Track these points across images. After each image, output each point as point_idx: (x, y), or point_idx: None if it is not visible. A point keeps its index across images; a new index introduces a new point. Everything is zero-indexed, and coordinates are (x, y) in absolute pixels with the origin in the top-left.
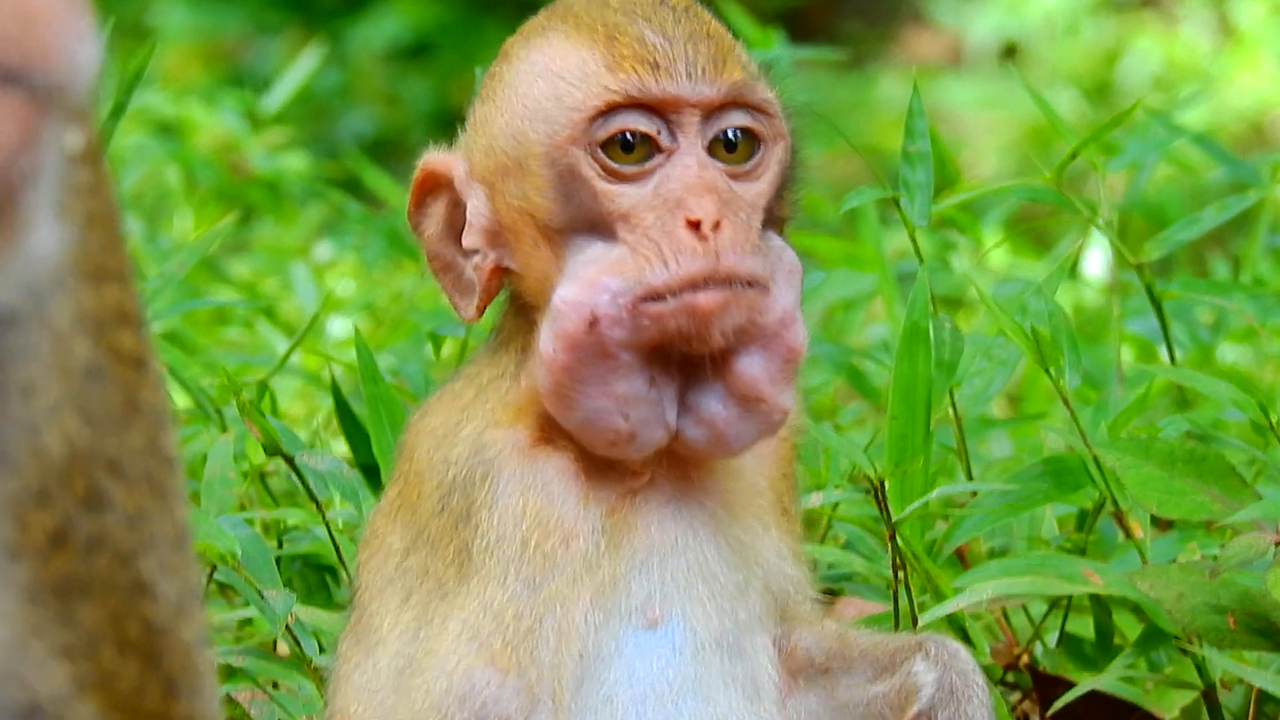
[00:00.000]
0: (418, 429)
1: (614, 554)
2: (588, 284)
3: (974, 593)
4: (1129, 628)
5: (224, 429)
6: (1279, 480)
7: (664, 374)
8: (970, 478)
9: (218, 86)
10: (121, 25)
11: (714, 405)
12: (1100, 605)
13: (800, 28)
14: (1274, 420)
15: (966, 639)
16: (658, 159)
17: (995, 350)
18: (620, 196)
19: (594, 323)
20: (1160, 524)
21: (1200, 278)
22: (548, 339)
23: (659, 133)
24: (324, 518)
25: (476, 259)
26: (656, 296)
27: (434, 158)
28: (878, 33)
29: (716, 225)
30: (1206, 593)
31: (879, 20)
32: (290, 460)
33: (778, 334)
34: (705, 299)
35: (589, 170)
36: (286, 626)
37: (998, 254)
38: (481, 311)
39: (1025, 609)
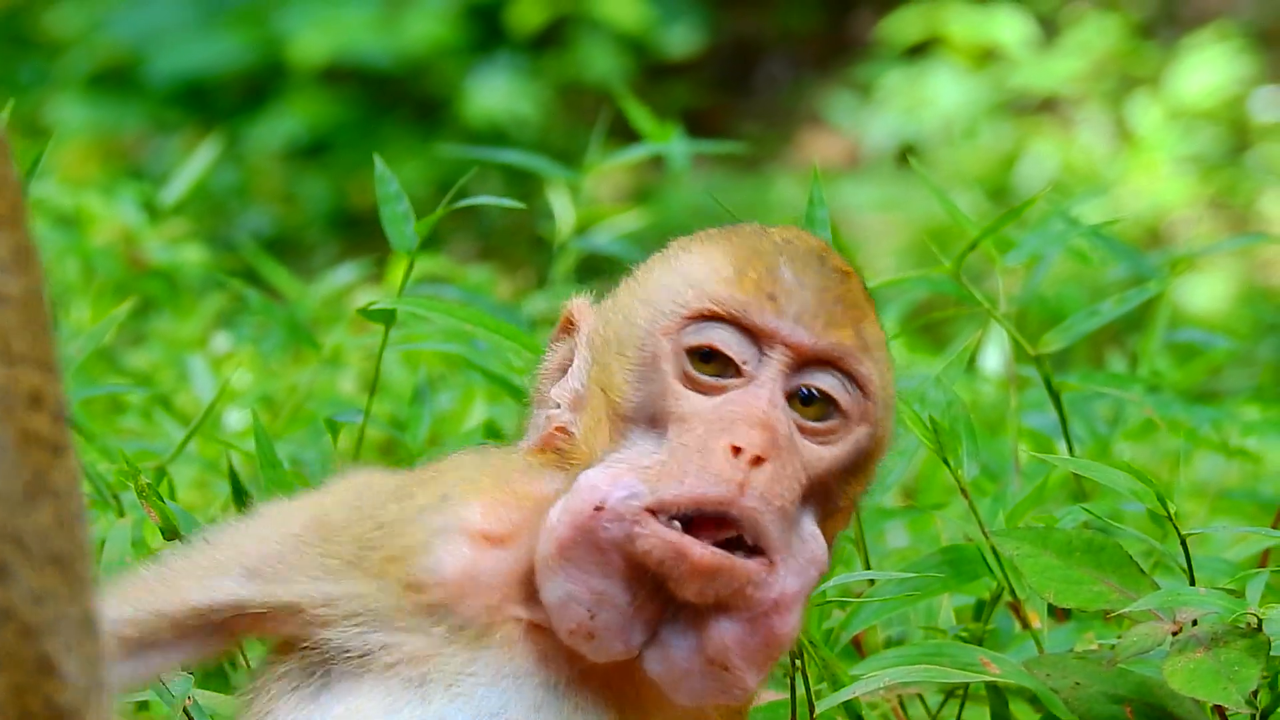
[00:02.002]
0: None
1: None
2: (611, 475)
3: (871, 681)
4: (1026, 717)
5: (121, 514)
6: (1176, 570)
7: (648, 596)
8: (868, 567)
9: (115, 181)
10: (18, 121)
11: (681, 650)
12: (997, 695)
13: (699, 128)
14: (1172, 511)
15: None
16: (734, 380)
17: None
18: (684, 400)
19: (598, 510)
20: (1057, 613)
21: (1097, 371)
22: (558, 510)
23: (745, 360)
24: None
25: (554, 410)
26: (664, 509)
27: (577, 304)
28: (775, 135)
29: (758, 461)
30: (1104, 682)
31: (777, 122)
32: None
33: (767, 615)
34: (698, 554)
35: (668, 365)
36: (184, 709)
37: (896, 348)
38: (534, 451)
39: (922, 698)
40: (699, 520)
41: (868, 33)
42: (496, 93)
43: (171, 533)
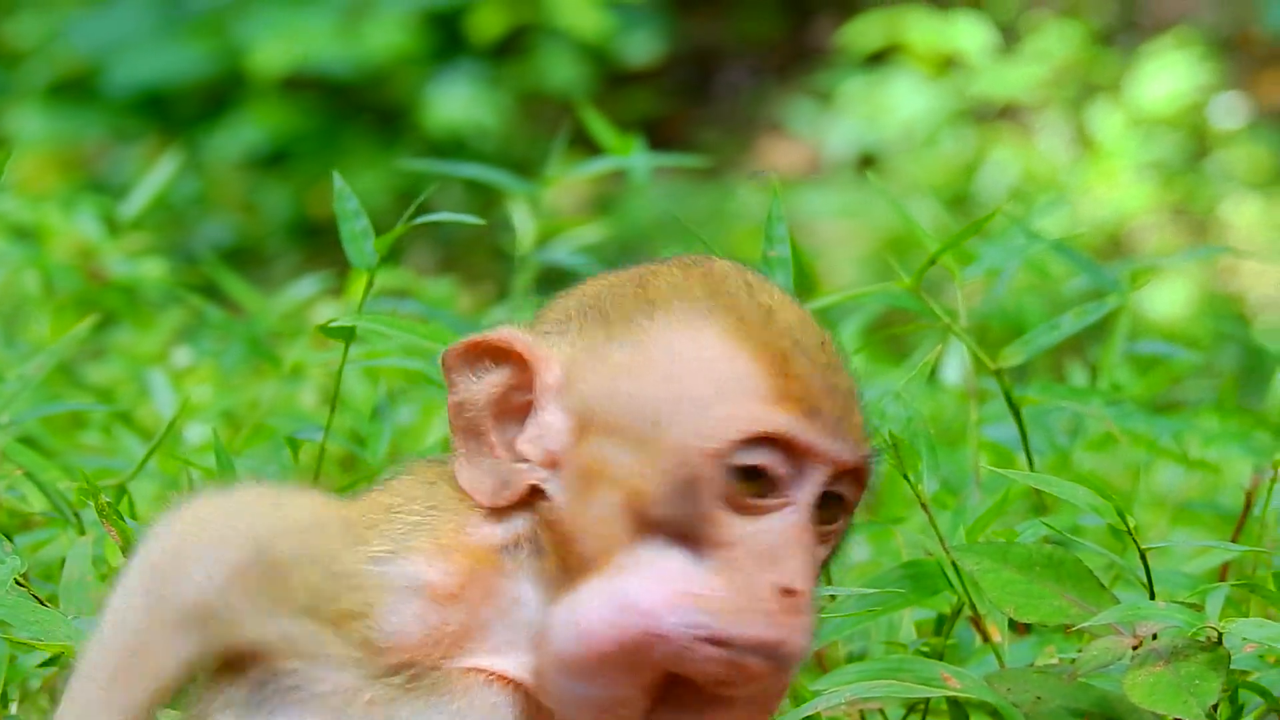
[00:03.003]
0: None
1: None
2: (670, 599)
3: (832, 696)
4: None
5: (82, 532)
6: (1136, 584)
7: (651, 691)
8: (829, 582)
9: (75, 193)
10: None
11: None
12: (958, 709)
13: (660, 136)
14: (1132, 525)
15: None
16: (775, 500)
17: None
18: (728, 527)
19: (657, 635)
20: (1018, 628)
21: (1057, 383)
22: (600, 620)
23: (789, 478)
24: None
25: (525, 468)
26: (720, 643)
27: (519, 340)
28: (736, 143)
29: (804, 601)
30: (1064, 696)
31: (737, 131)
32: None
33: (770, 701)
34: (756, 666)
35: (711, 489)
36: None
37: (855, 362)
38: (499, 505)
39: (883, 712)
40: None
41: (827, 40)
42: (457, 101)
43: (132, 551)
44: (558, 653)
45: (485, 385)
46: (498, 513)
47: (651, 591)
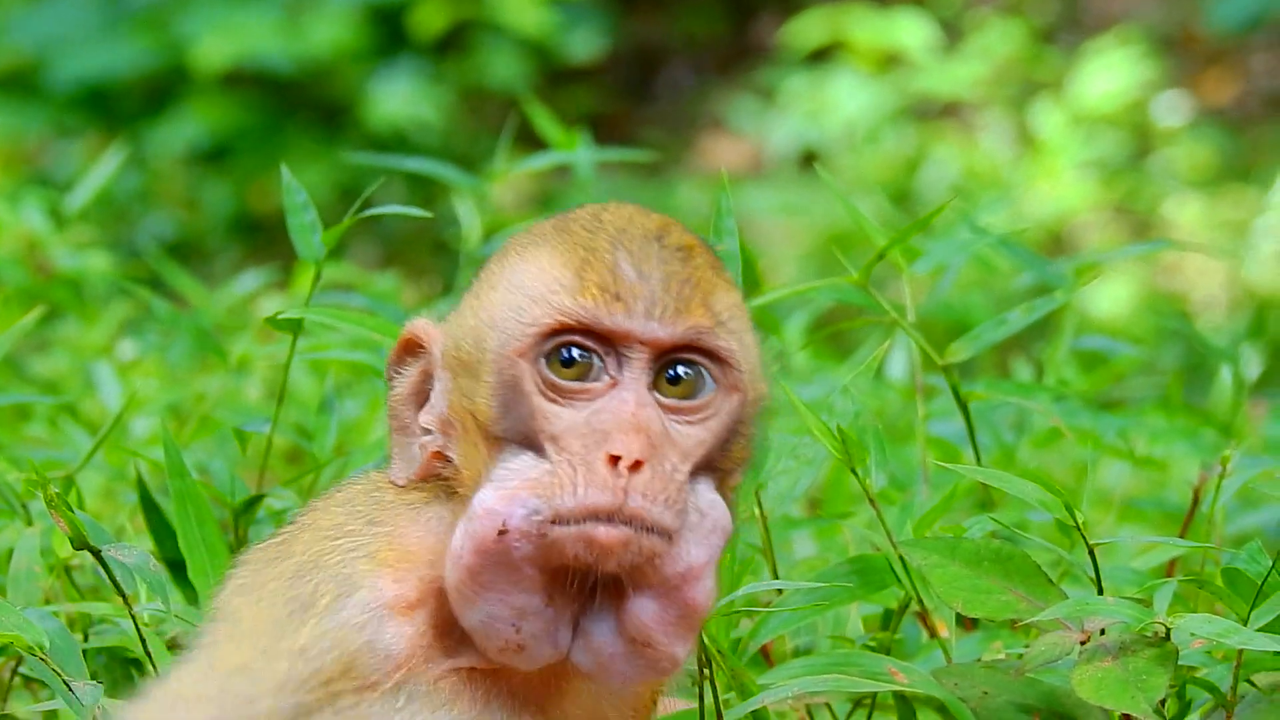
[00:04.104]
0: (312, 517)
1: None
2: (506, 495)
3: (779, 690)
4: None
5: (29, 523)
6: (1084, 580)
7: (564, 596)
8: (776, 576)
9: (20, 187)
10: None
11: (605, 637)
12: (905, 704)
13: (602, 133)
14: (1080, 521)
15: None
16: (599, 384)
17: (801, 450)
18: (555, 418)
19: (503, 533)
20: (965, 623)
21: (1004, 380)
22: (459, 538)
23: (604, 362)
24: (130, 611)
25: (426, 439)
26: (563, 521)
27: (419, 326)
28: (678, 140)
29: (636, 466)
30: (1012, 691)
31: (679, 128)
32: (97, 554)
33: (678, 587)
34: (603, 533)
35: (530, 385)
36: (94, 718)
37: (801, 357)
38: (411, 483)
39: (830, 707)
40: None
41: (770, 38)
42: (399, 97)
43: (80, 542)
44: (449, 587)
45: (406, 379)
46: (428, 503)
47: (493, 495)
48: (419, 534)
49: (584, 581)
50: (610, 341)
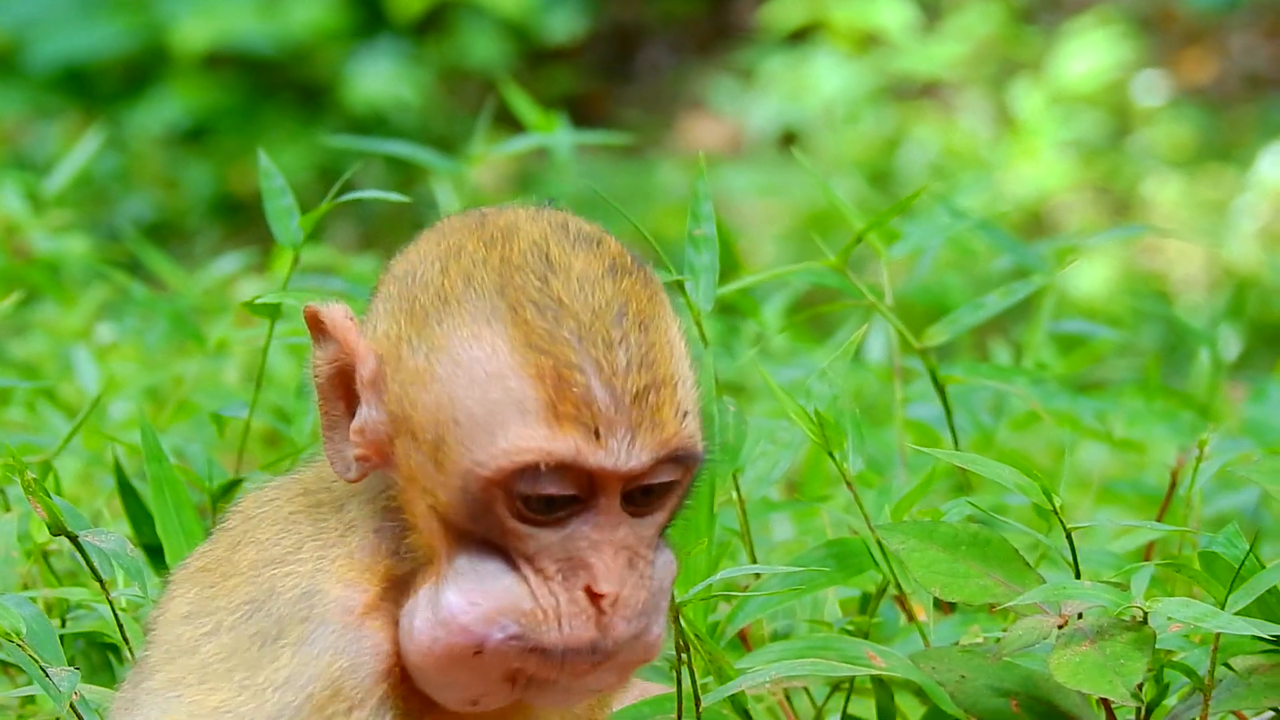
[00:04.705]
0: (247, 527)
1: None
2: (484, 616)
3: (757, 675)
4: (911, 710)
5: (7, 508)
6: (1061, 563)
7: (522, 676)
8: (754, 560)
9: None
10: None
11: (557, 695)
12: (883, 688)
13: (581, 114)
14: (1057, 505)
15: None
16: (575, 508)
17: (778, 434)
18: (530, 538)
19: (479, 652)
20: (943, 607)
21: (982, 363)
22: (426, 634)
23: (581, 491)
24: (108, 597)
25: (359, 453)
26: (542, 651)
27: (339, 326)
28: (657, 121)
29: (616, 600)
30: (989, 675)
31: (659, 108)
32: (74, 539)
33: (639, 657)
34: (586, 663)
35: (503, 510)
36: (71, 705)
37: (779, 340)
38: (351, 481)
39: (808, 691)
40: None
41: (749, 18)
42: (378, 78)
43: (57, 527)
44: (407, 659)
45: (324, 358)
46: (367, 519)
47: (467, 608)
48: (369, 548)
49: None
50: (583, 476)
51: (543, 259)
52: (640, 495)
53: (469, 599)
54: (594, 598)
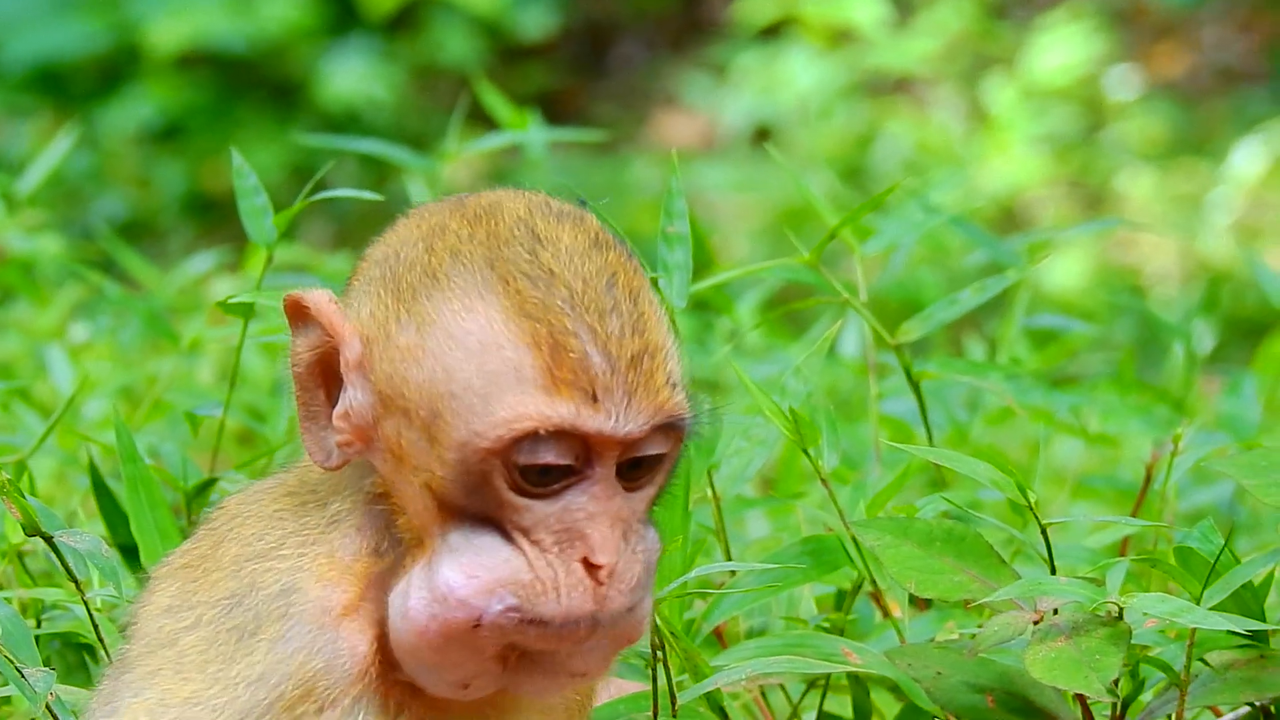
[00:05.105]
0: (231, 525)
1: None
2: (482, 588)
3: (732, 672)
4: (887, 707)
5: None
6: (1037, 559)
7: (512, 655)
8: (729, 557)
9: None
10: None
11: (543, 678)
12: (859, 684)
13: (554, 110)
14: (1032, 500)
15: (725, 718)
16: (571, 479)
17: (753, 431)
18: (526, 510)
19: (478, 626)
20: (918, 603)
21: (956, 358)
22: (422, 612)
23: (578, 460)
24: (83, 597)
25: (341, 439)
26: (541, 623)
27: (323, 309)
28: (630, 117)
29: (613, 572)
30: (965, 671)
31: (632, 104)
32: (49, 540)
33: (627, 636)
34: (583, 634)
35: (500, 481)
36: (47, 705)
37: (753, 337)
38: (331, 469)
39: (783, 688)
40: None
41: (722, 14)
42: (351, 76)
43: (32, 527)
44: (398, 643)
45: (305, 345)
46: (350, 514)
47: (465, 582)
48: (351, 547)
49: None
50: (581, 443)
51: (530, 233)
52: (631, 469)
53: (466, 573)
54: (591, 569)
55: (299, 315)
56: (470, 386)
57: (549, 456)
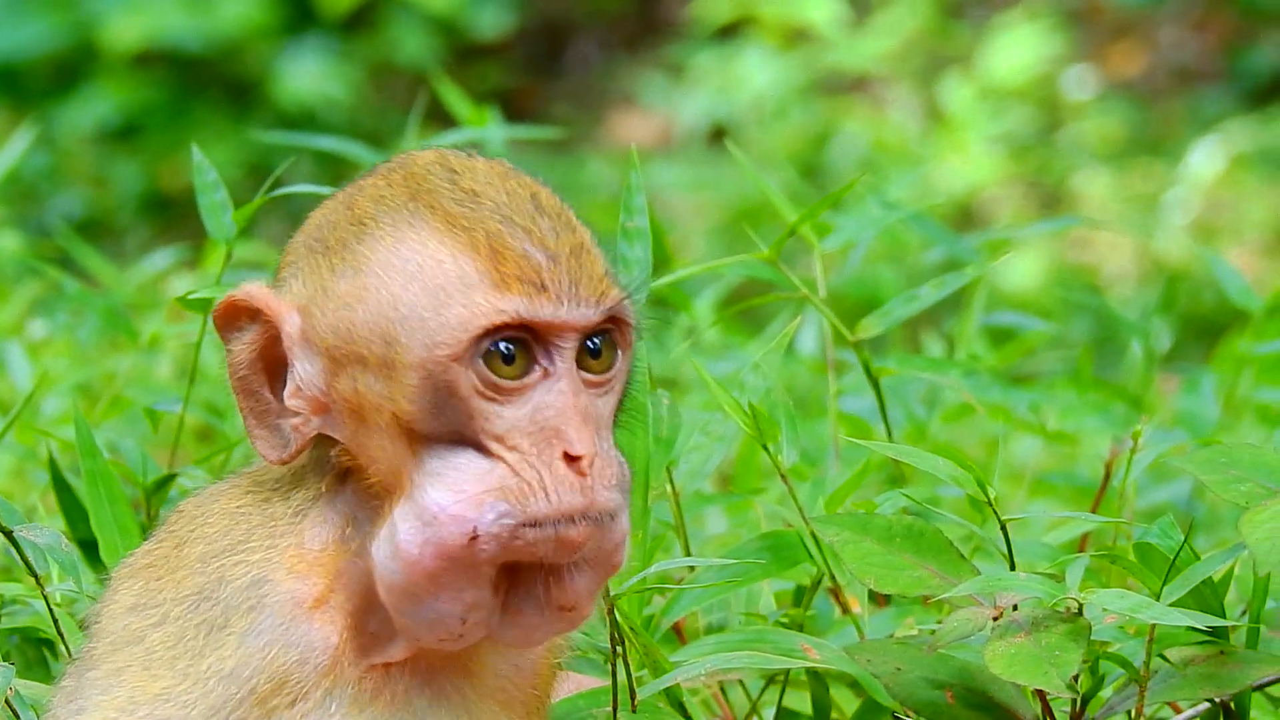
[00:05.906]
0: (193, 525)
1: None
2: (471, 500)
3: (692, 668)
4: (846, 702)
5: None
6: (996, 555)
7: (504, 582)
8: (688, 553)
9: None
10: None
11: (532, 613)
12: (818, 680)
13: (511, 109)
14: (991, 496)
15: (684, 714)
16: (534, 376)
17: (712, 426)
18: (496, 417)
19: (474, 539)
20: (878, 599)
21: (915, 355)
22: (413, 540)
23: (535, 352)
24: (43, 592)
25: (297, 420)
26: (535, 524)
27: (256, 295)
28: (587, 116)
29: (593, 462)
30: (924, 667)
31: (588, 104)
32: (9, 534)
33: (611, 556)
34: (577, 533)
35: (467, 389)
36: (6, 700)
37: (711, 334)
38: (288, 461)
39: (743, 684)
40: None
41: (678, 13)
42: (307, 75)
43: None
44: (391, 586)
45: (241, 345)
46: (314, 504)
47: (453, 498)
48: (319, 536)
49: (529, 567)
50: (540, 332)
51: (445, 168)
52: (590, 358)
53: (452, 489)
54: (572, 462)
55: (230, 318)
56: (418, 305)
57: (504, 348)
